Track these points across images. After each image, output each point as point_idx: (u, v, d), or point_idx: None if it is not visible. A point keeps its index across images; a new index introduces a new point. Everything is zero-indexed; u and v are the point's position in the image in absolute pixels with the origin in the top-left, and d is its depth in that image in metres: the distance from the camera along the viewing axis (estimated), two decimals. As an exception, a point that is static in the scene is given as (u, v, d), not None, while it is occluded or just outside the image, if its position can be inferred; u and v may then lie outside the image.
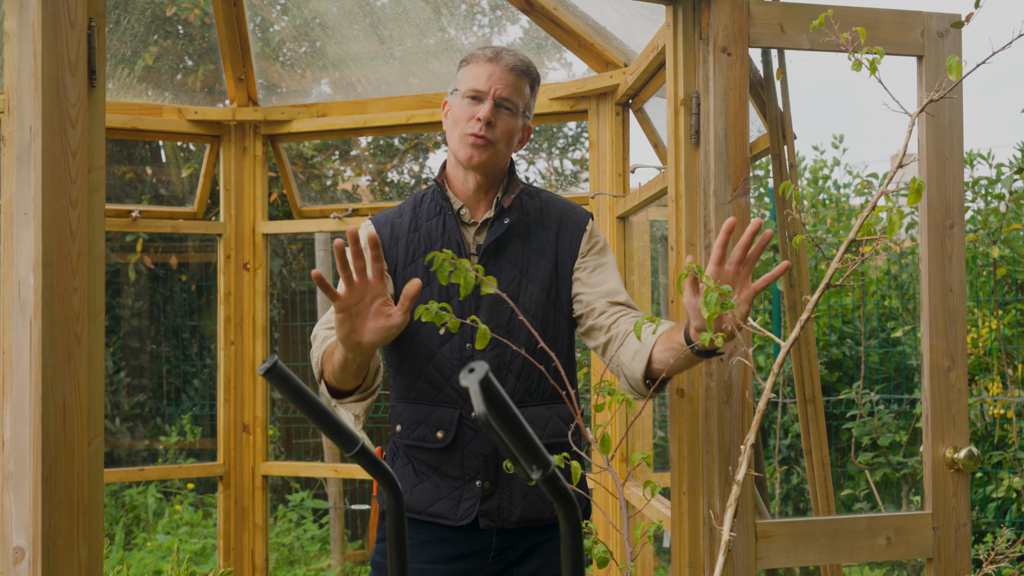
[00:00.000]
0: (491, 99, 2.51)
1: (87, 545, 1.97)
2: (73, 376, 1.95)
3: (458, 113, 2.56)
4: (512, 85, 2.54)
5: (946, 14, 2.62)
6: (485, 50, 2.56)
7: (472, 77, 2.54)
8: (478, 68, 2.54)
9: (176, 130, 4.51)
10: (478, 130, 2.50)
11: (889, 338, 6.43)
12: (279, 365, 1.52)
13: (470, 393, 1.11)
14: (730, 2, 2.49)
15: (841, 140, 7.18)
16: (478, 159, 2.53)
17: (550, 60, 6.30)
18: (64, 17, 1.96)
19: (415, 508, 2.55)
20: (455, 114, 2.57)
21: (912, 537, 2.55)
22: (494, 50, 2.55)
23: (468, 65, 2.57)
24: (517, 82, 2.55)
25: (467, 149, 2.53)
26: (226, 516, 4.50)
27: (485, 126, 2.50)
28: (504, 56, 2.54)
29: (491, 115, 2.50)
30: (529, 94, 2.60)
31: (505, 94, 2.52)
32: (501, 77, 2.52)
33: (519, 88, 2.56)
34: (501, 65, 2.52)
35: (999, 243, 5.62)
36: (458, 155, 2.56)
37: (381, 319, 2.15)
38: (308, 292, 8.18)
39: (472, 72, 2.55)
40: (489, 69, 2.52)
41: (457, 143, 2.55)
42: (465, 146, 2.53)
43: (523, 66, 2.56)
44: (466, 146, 2.53)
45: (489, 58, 2.53)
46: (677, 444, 2.51)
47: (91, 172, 2.00)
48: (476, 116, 2.51)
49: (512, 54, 2.56)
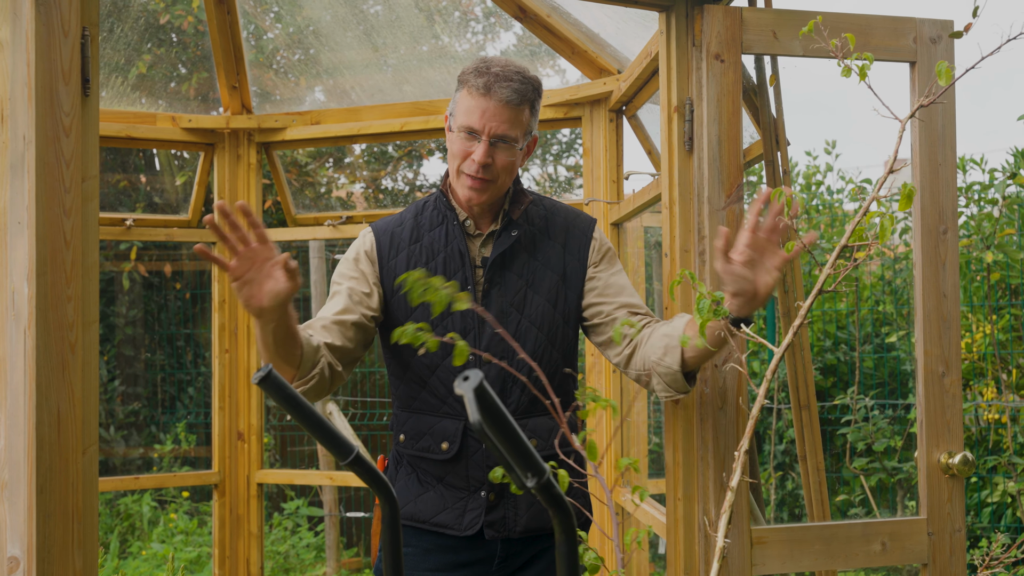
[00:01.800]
0: (486, 138, 2.41)
1: (82, 554, 1.96)
2: (67, 385, 1.95)
3: (455, 146, 2.46)
4: (508, 120, 2.42)
5: (939, 20, 2.63)
6: (480, 78, 2.41)
7: (466, 111, 2.42)
8: (472, 101, 2.42)
9: (170, 138, 4.50)
10: (475, 172, 2.43)
11: (883, 343, 6.44)
12: (274, 374, 1.52)
13: (465, 401, 1.11)
14: (723, 9, 2.50)
15: (834, 146, 7.19)
16: (477, 200, 2.48)
17: (544, 67, 6.31)
18: (57, 26, 1.96)
19: (420, 518, 2.54)
20: (452, 146, 2.48)
21: (907, 542, 2.55)
22: (487, 81, 2.40)
23: (463, 90, 2.45)
24: (514, 114, 2.43)
25: (466, 191, 2.47)
26: (221, 524, 4.49)
27: (482, 168, 2.42)
28: (497, 89, 2.40)
29: (486, 157, 2.42)
30: (530, 115, 2.48)
31: (501, 131, 2.42)
32: (495, 114, 2.40)
33: (516, 119, 2.44)
34: (495, 100, 2.39)
35: (992, 248, 5.63)
36: (458, 193, 2.50)
37: (270, 282, 2.15)
38: (303, 300, 8.17)
39: (466, 104, 2.43)
40: (483, 105, 2.40)
41: (456, 180, 2.49)
42: (463, 188, 2.47)
43: (518, 96, 2.42)
44: (464, 188, 2.47)
45: (482, 92, 2.40)
46: (672, 450, 2.51)
47: (85, 181, 2.00)
48: (471, 156, 2.43)
49: (507, 82, 2.41)
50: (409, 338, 1.93)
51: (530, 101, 2.46)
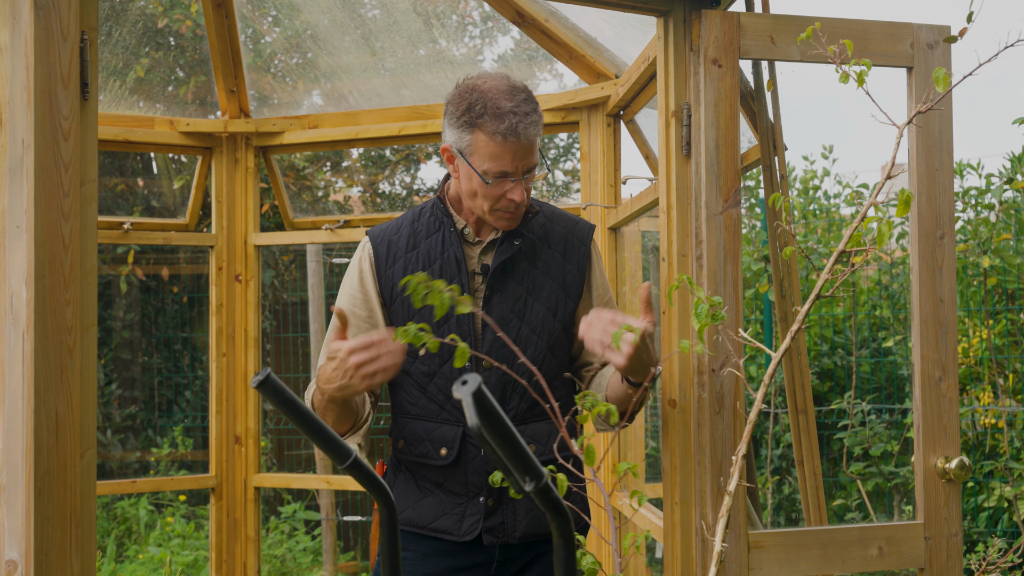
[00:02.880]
0: (520, 178, 2.40)
1: (80, 558, 1.96)
2: (66, 389, 1.95)
3: (482, 190, 2.41)
4: (532, 151, 2.41)
5: (936, 26, 2.63)
6: (500, 122, 2.35)
7: (493, 157, 2.37)
8: (498, 148, 2.36)
9: (168, 142, 4.51)
10: (514, 209, 2.43)
11: (880, 348, 6.44)
12: (272, 378, 1.52)
13: (463, 405, 1.12)
14: (720, 14, 2.50)
15: (831, 151, 7.19)
16: (515, 226, 2.50)
17: (541, 71, 6.32)
18: (56, 30, 1.97)
19: (418, 523, 2.54)
20: (478, 189, 2.42)
21: (904, 547, 2.56)
22: (511, 125, 2.34)
23: (481, 136, 2.37)
24: (535, 143, 2.42)
25: (504, 223, 2.47)
26: (218, 528, 4.49)
27: (519, 204, 2.42)
28: (522, 130, 2.35)
29: (524, 194, 2.41)
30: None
31: (530, 164, 2.41)
32: (525, 153, 2.38)
33: (536, 145, 2.43)
34: (523, 141, 2.36)
35: (989, 253, 5.63)
36: (489, 222, 2.51)
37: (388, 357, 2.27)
38: (300, 303, 8.18)
39: (491, 151, 2.37)
40: (512, 149, 2.36)
41: (486, 215, 2.47)
42: (498, 219, 2.47)
43: (538, 127, 2.40)
44: (501, 221, 2.47)
45: (509, 138, 2.34)
46: (669, 455, 2.52)
47: (83, 185, 2.00)
48: (509, 197, 2.40)
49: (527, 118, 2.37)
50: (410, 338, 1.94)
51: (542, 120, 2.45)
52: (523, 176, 2.40)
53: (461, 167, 2.44)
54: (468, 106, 2.39)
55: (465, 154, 2.41)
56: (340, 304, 2.57)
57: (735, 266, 2.49)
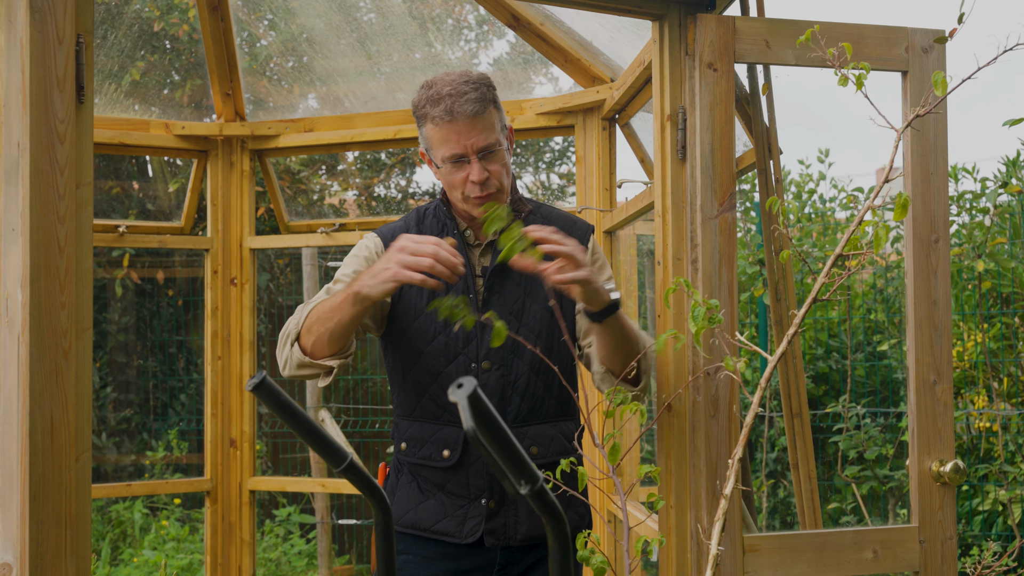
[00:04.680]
0: (474, 157, 2.43)
1: (75, 561, 1.96)
2: (61, 392, 1.95)
3: (447, 179, 2.48)
4: (483, 129, 2.43)
5: (930, 30, 2.63)
6: (437, 106, 2.41)
7: (441, 141, 2.43)
8: (440, 131, 2.42)
9: (163, 145, 4.51)
10: (479, 192, 2.45)
11: (875, 351, 6.45)
12: (268, 381, 1.52)
13: (459, 408, 1.12)
14: (716, 18, 2.51)
15: (827, 154, 7.21)
16: None
17: (536, 75, 6.32)
18: (52, 33, 1.97)
19: (420, 525, 2.54)
20: (446, 179, 2.49)
21: (898, 550, 2.56)
22: (447, 106, 2.40)
23: (427, 124, 2.45)
24: (485, 122, 2.43)
25: (479, 211, 2.47)
26: (213, 531, 4.49)
27: (482, 184, 2.44)
28: (459, 108, 2.40)
29: (482, 173, 2.43)
30: (496, 112, 2.48)
31: (482, 143, 2.42)
32: (469, 130, 2.41)
33: (489, 124, 2.44)
34: (463, 119, 2.40)
35: (984, 257, 5.64)
36: (471, 213, 2.52)
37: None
38: (295, 306, 8.17)
39: (437, 136, 2.43)
40: (455, 129, 2.40)
41: (464, 204, 2.50)
42: (475, 207, 2.48)
43: (480, 104, 2.42)
44: (475, 207, 2.48)
45: (448, 118, 2.40)
46: (665, 458, 2.52)
47: (79, 188, 2.00)
48: (470, 179, 2.43)
49: (463, 97, 2.41)
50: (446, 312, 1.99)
51: (491, 100, 2.46)
52: (479, 156, 2.43)
53: (432, 165, 2.53)
54: (417, 102, 2.48)
55: (428, 150, 2.50)
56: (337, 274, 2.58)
57: (730, 270, 2.49)
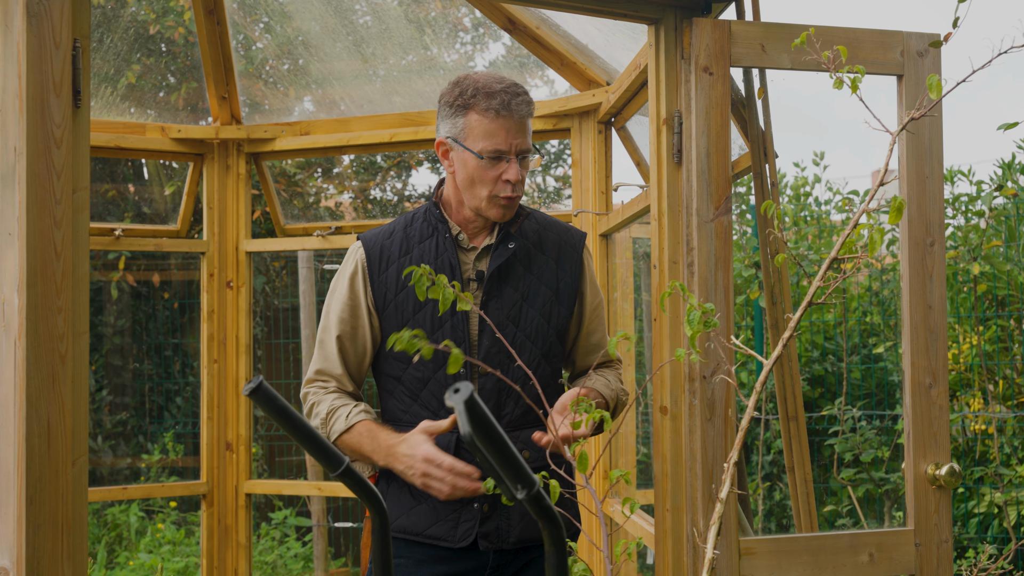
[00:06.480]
0: (514, 157, 2.43)
1: (71, 565, 1.96)
2: (57, 396, 1.95)
3: (478, 173, 2.45)
4: (527, 133, 2.46)
5: (925, 34, 2.64)
6: (492, 99, 2.42)
7: (487, 135, 2.42)
8: (490, 124, 2.41)
9: (159, 148, 4.50)
10: (510, 192, 2.45)
11: (871, 354, 6.46)
12: (264, 385, 1.53)
13: (455, 413, 1.12)
14: (711, 22, 2.51)
15: (822, 157, 7.21)
16: (510, 215, 2.52)
17: (532, 78, 6.32)
18: (49, 38, 1.97)
19: (412, 530, 2.54)
20: (474, 173, 2.45)
21: (894, 553, 2.56)
22: (503, 101, 2.41)
23: (473, 114, 2.44)
24: (528, 126, 2.46)
25: (499, 210, 2.48)
26: (209, 534, 4.48)
27: (515, 186, 2.44)
28: (515, 106, 2.42)
29: (520, 174, 2.44)
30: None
31: (524, 145, 2.44)
32: (519, 131, 2.43)
33: (529, 131, 2.48)
34: (516, 118, 2.42)
35: (979, 260, 5.65)
36: (485, 214, 2.50)
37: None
38: (291, 309, 8.17)
39: (484, 128, 2.42)
40: (505, 126, 2.41)
41: (483, 203, 2.48)
42: (496, 207, 2.47)
43: (530, 109, 2.46)
44: (497, 207, 2.48)
45: (500, 112, 2.41)
46: (660, 462, 2.52)
47: (76, 192, 2.00)
48: (505, 178, 2.43)
49: (519, 97, 2.44)
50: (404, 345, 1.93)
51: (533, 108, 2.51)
52: (517, 158, 2.44)
53: (456, 157, 2.49)
54: (460, 92, 2.46)
55: (460, 139, 2.46)
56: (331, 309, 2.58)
57: (726, 273, 2.50)
